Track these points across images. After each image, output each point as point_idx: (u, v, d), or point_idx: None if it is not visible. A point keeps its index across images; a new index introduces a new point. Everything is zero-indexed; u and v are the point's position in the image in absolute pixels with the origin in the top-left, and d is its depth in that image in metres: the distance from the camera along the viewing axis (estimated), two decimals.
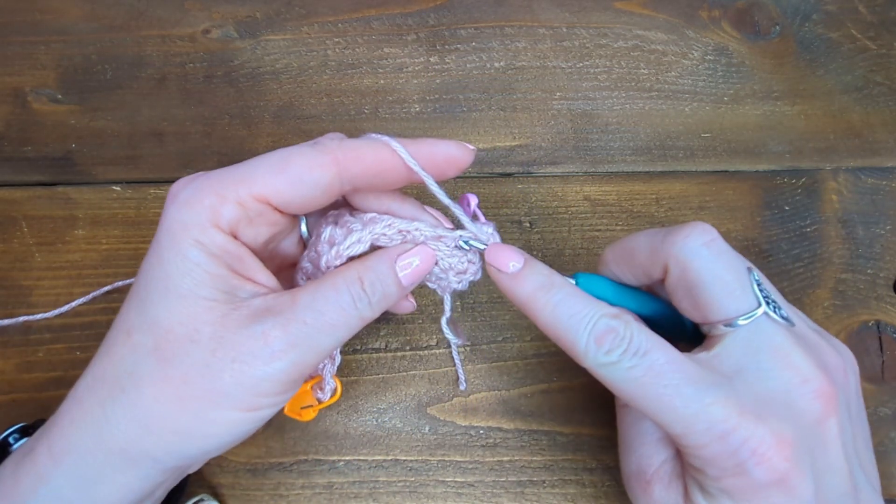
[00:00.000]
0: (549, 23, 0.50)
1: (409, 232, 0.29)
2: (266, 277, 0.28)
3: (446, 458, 0.38)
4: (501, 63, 0.49)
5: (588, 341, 0.27)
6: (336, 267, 0.29)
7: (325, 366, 0.32)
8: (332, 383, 0.33)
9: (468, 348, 0.40)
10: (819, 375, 0.26)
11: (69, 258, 0.42)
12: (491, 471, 0.37)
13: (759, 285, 0.28)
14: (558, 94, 0.48)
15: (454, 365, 0.40)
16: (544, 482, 0.37)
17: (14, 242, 0.42)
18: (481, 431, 0.38)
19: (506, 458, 0.38)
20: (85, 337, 0.40)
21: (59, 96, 0.47)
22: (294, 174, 0.26)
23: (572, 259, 0.42)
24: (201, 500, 0.35)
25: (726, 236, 0.43)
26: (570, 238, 0.43)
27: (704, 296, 0.28)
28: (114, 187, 0.44)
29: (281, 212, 0.27)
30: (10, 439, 0.31)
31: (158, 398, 0.25)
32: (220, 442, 0.26)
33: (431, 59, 0.49)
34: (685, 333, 0.31)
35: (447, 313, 0.34)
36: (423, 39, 0.49)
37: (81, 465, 0.25)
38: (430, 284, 0.32)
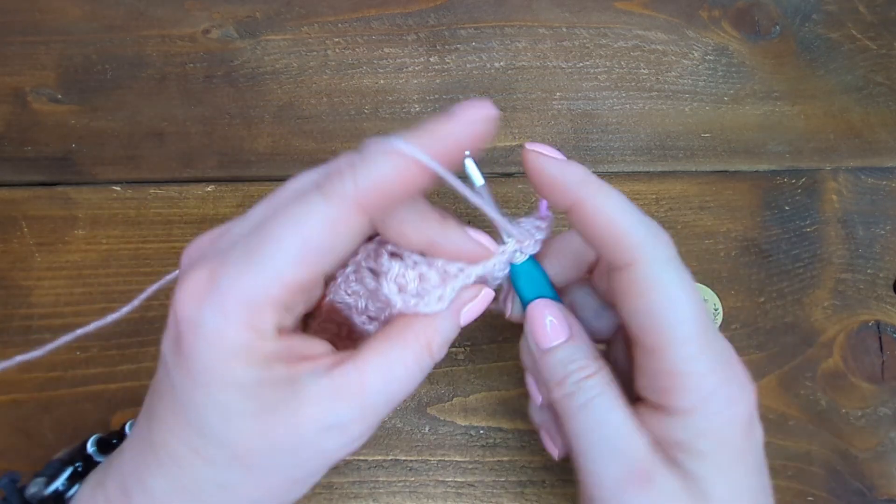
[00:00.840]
0: (549, 23, 0.50)
1: (490, 275, 0.27)
2: (319, 346, 0.25)
3: (446, 458, 0.38)
4: (501, 63, 0.49)
5: (646, 234, 0.25)
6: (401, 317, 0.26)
7: None
8: None
9: (468, 348, 0.40)
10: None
11: (69, 258, 0.42)
12: (491, 471, 0.38)
13: None
14: (558, 94, 0.48)
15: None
16: (544, 482, 0.37)
17: (14, 242, 0.42)
18: (481, 431, 0.38)
19: (506, 458, 0.38)
20: (85, 337, 0.40)
21: (59, 96, 0.47)
22: (320, 245, 0.23)
23: None
24: None
25: (726, 236, 0.43)
26: None
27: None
28: (114, 187, 0.44)
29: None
30: (92, 450, 0.31)
31: (252, 495, 0.25)
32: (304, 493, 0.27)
33: (431, 59, 0.49)
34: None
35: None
36: (423, 39, 0.49)
37: None
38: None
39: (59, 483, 0.29)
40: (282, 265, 0.22)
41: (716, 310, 0.40)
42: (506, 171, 0.45)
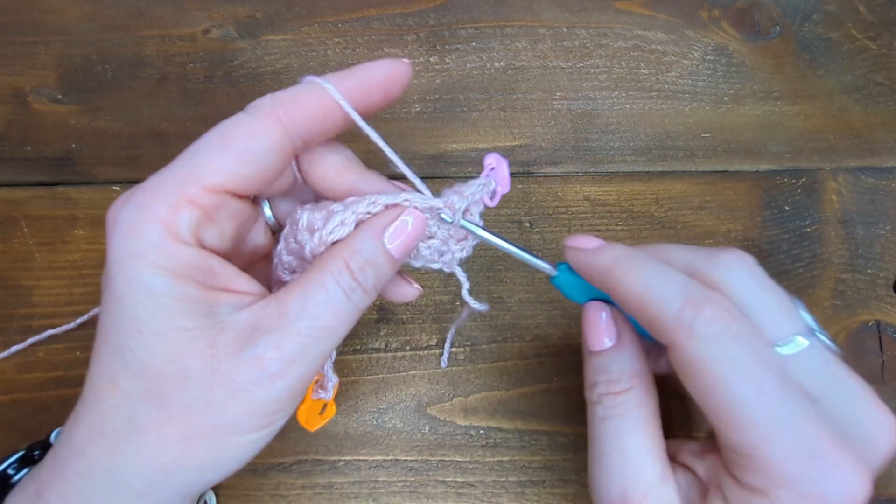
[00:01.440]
0: (549, 23, 0.50)
1: (398, 207, 0.27)
2: (245, 282, 0.25)
3: (446, 458, 0.38)
4: (501, 63, 0.49)
5: (683, 307, 0.24)
6: (318, 254, 0.26)
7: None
8: (333, 379, 0.31)
9: (468, 348, 0.40)
10: (886, 408, 0.25)
11: (69, 258, 0.42)
12: (491, 471, 0.38)
13: (805, 310, 0.27)
14: (558, 94, 0.48)
15: (448, 347, 0.40)
16: (544, 482, 0.37)
17: (14, 242, 0.42)
18: (481, 431, 0.38)
19: (506, 458, 0.38)
20: (85, 337, 0.40)
21: (59, 96, 0.47)
22: (240, 148, 0.24)
23: None
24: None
25: (726, 236, 0.43)
26: None
27: (752, 319, 0.25)
28: (114, 187, 0.44)
29: (239, 197, 0.25)
30: (10, 470, 0.30)
31: (165, 442, 0.23)
32: (240, 461, 0.25)
33: (431, 59, 0.49)
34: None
35: (465, 284, 0.30)
36: (423, 39, 0.49)
37: None
38: (433, 265, 0.29)
39: (5, 465, 0.29)
40: (199, 164, 0.24)
41: None
42: None
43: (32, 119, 0.46)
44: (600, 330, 0.29)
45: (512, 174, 0.45)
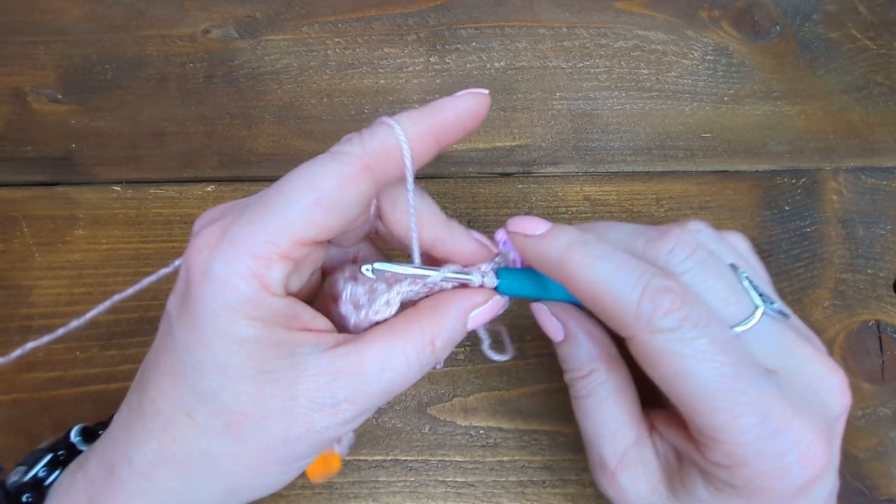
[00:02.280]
0: (549, 23, 0.50)
1: (436, 285, 0.27)
2: (322, 322, 0.26)
3: (446, 458, 0.38)
4: (501, 63, 0.49)
5: (642, 301, 0.23)
6: (369, 326, 0.27)
7: None
8: (351, 435, 0.31)
9: (468, 348, 0.40)
10: (836, 367, 0.25)
11: (69, 258, 0.42)
12: (491, 471, 0.37)
13: (749, 283, 0.26)
14: (558, 94, 0.48)
15: (457, 362, 0.40)
16: (544, 482, 0.37)
17: (14, 242, 0.42)
18: (481, 431, 0.38)
19: (506, 458, 0.38)
20: (85, 337, 0.40)
21: (59, 96, 0.47)
22: (332, 201, 0.23)
23: None
24: None
25: None
26: None
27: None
28: (114, 187, 0.44)
29: (320, 243, 0.25)
30: (41, 473, 0.29)
31: (239, 472, 0.25)
32: (288, 481, 0.27)
33: (431, 59, 0.49)
34: None
35: (486, 340, 0.31)
36: (423, 39, 0.49)
37: None
38: None
39: (37, 469, 0.28)
40: (292, 217, 0.23)
41: None
42: (506, 171, 0.45)
43: (32, 119, 0.46)
44: (550, 327, 0.29)
45: (512, 174, 0.45)
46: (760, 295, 0.26)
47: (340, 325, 0.28)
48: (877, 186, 0.45)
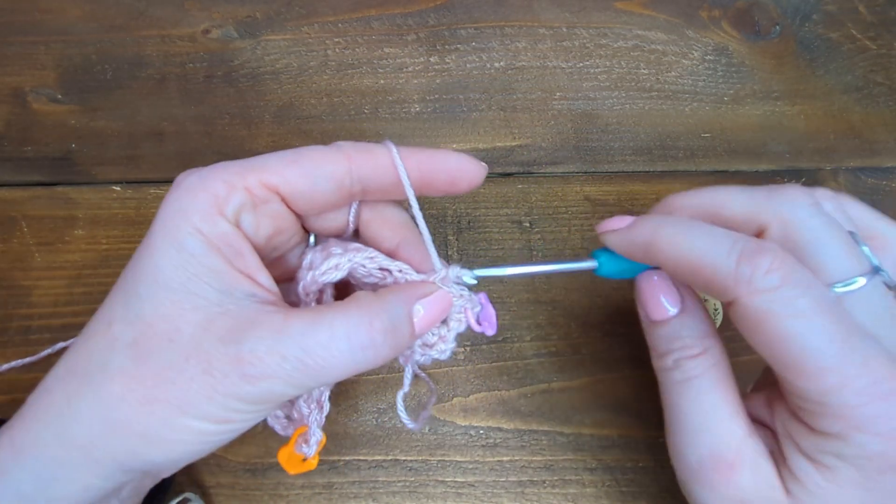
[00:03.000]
0: (549, 23, 0.50)
1: (390, 272, 0.28)
2: (266, 279, 0.26)
3: (446, 458, 0.38)
4: (501, 63, 0.49)
5: (740, 263, 0.23)
6: (312, 292, 0.28)
7: (310, 413, 0.29)
8: (318, 435, 0.29)
9: (468, 348, 0.40)
10: None
11: (69, 258, 0.42)
12: (491, 471, 0.37)
13: (868, 249, 0.26)
14: (558, 94, 0.48)
15: (432, 381, 0.40)
16: (544, 482, 0.37)
17: (14, 242, 0.42)
18: (481, 431, 0.38)
19: (506, 458, 0.38)
20: None
21: (59, 96, 0.47)
22: (306, 166, 0.26)
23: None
24: (186, 499, 0.34)
25: None
26: (570, 238, 0.43)
27: (815, 259, 0.25)
28: (114, 187, 0.44)
29: (288, 206, 0.27)
30: None
31: (126, 397, 0.23)
32: (188, 450, 0.25)
33: (431, 59, 0.49)
34: None
35: (405, 388, 0.30)
36: (423, 39, 0.49)
37: (41, 460, 0.24)
38: (421, 358, 0.30)
39: None
40: (267, 164, 0.26)
41: (716, 310, 0.39)
42: (506, 171, 0.45)
43: (32, 119, 0.46)
44: (659, 300, 0.28)
45: (512, 174, 0.45)
46: (878, 261, 0.26)
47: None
48: (877, 186, 0.45)
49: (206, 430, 0.24)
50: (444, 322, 0.28)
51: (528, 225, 0.43)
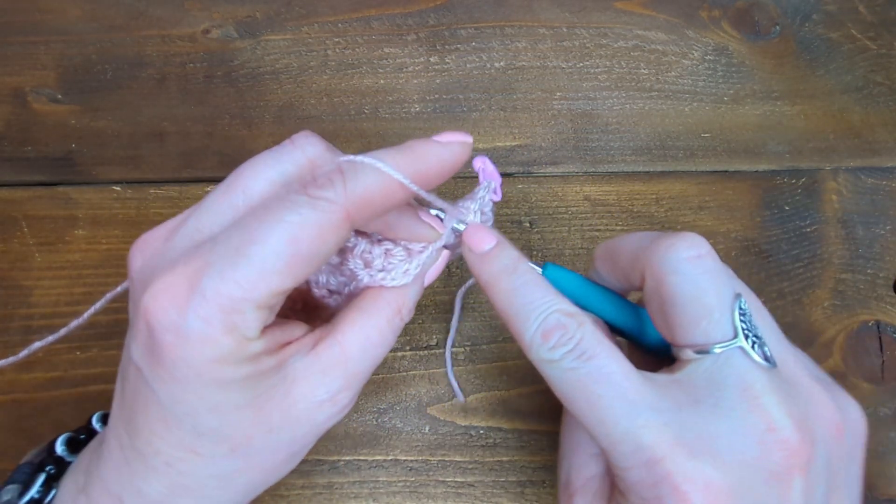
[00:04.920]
0: (549, 23, 0.50)
1: (392, 250, 0.28)
2: (299, 329, 0.26)
3: (446, 458, 0.38)
4: (501, 63, 0.49)
5: (535, 334, 0.26)
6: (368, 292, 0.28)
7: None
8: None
9: (468, 348, 0.40)
10: (790, 426, 0.23)
11: (69, 258, 0.42)
12: (491, 471, 0.38)
13: (742, 315, 0.25)
14: (558, 94, 0.48)
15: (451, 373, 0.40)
16: (544, 482, 0.37)
17: (14, 242, 0.42)
18: (481, 431, 0.38)
19: (506, 458, 0.38)
20: (85, 337, 0.40)
21: (59, 96, 0.47)
22: (311, 253, 0.22)
23: (572, 259, 0.42)
24: None
25: (726, 236, 0.43)
26: (569, 238, 0.43)
27: (676, 314, 0.25)
28: (114, 187, 0.44)
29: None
30: (62, 453, 0.30)
31: (252, 480, 0.26)
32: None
33: (431, 59, 0.49)
34: (652, 348, 0.30)
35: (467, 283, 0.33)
36: (423, 39, 0.49)
37: None
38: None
39: (34, 491, 0.28)
40: (269, 272, 0.22)
41: None
42: (506, 171, 0.45)
43: (32, 119, 0.46)
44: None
45: (512, 174, 0.45)
46: (746, 331, 0.25)
47: (313, 304, 0.29)
48: (877, 186, 0.45)
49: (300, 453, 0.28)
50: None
51: (528, 225, 0.43)
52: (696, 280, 0.25)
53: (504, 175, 0.45)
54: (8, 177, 0.44)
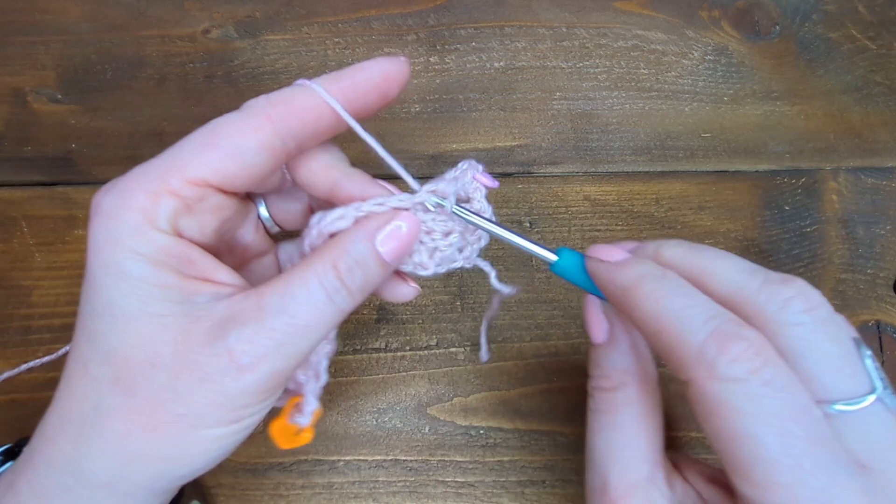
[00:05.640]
0: (548, 23, 0.50)
1: (396, 210, 0.26)
2: (226, 274, 0.25)
3: (446, 458, 0.38)
4: (501, 63, 0.49)
5: (708, 341, 0.21)
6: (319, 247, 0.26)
7: (307, 381, 0.28)
8: (313, 404, 0.28)
9: (468, 348, 0.40)
10: None
11: (69, 258, 0.42)
12: (491, 471, 0.37)
13: (873, 363, 0.23)
14: (558, 94, 0.48)
15: (485, 341, 0.40)
16: (544, 482, 0.37)
17: (14, 242, 0.42)
18: (481, 431, 0.38)
19: (506, 458, 0.38)
20: None
21: (59, 96, 0.47)
22: (228, 145, 0.24)
23: None
24: None
25: (726, 236, 0.43)
26: (570, 238, 0.43)
27: (803, 370, 0.22)
28: None
29: (224, 192, 0.25)
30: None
31: (131, 430, 0.23)
32: (210, 458, 0.24)
33: (431, 59, 0.49)
34: None
35: (492, 273, 0.29)
36: (423, 39, 0.49)
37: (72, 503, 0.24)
38: (455, 265, 0.29)
39: None
40: (185, 157, 0.24)
41: None
42: (505, 170, 0.45)
43: (32, 119, 0.46)
44: (596, 323, 0.28)
45: (512, 174, 0.45)
46: (882, 380, 0.23)
47: None
48: (877, 186, 0.45)
49: (222, 435, 0.24)
50: (468, 200, 0.28)
51: (528, 225, 0.43)
52: (818, 332, 0.23)
53: (504, 175, 0.45)
54: (7, 177, 0.44)
